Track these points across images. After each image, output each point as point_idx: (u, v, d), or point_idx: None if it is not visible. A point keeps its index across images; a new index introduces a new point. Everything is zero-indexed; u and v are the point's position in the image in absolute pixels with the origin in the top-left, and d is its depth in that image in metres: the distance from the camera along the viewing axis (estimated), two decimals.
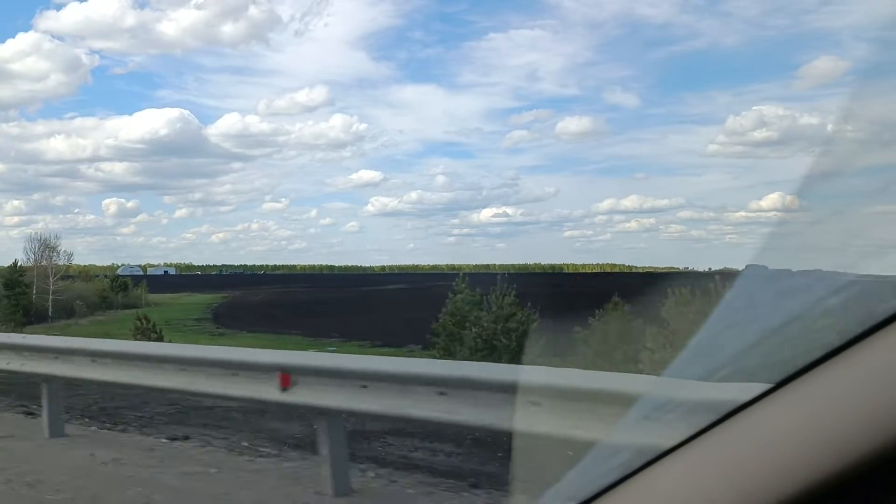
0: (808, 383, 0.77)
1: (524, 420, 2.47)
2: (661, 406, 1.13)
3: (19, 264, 65.28)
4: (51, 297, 65.73)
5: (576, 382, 3.60)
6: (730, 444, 0.83)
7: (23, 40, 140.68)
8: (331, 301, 77.97)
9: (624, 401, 1.22)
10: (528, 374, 2.80)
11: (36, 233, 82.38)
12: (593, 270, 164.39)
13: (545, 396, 3.13)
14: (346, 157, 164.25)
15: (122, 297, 74.88)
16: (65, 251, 73.37)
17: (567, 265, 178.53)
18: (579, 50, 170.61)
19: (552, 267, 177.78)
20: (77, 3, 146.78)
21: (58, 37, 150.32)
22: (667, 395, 1.15)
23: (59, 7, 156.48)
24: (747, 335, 0.99)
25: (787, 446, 0.76)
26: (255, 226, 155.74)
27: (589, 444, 1.19)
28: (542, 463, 1.66)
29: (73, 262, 75.64)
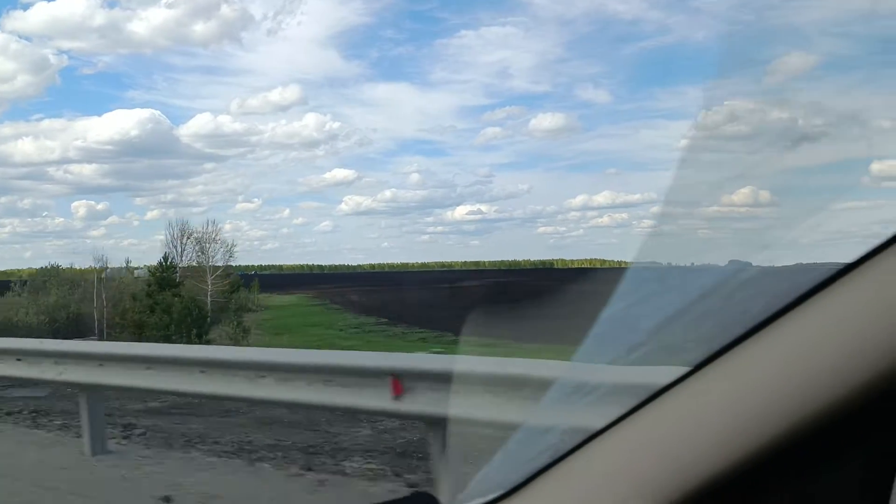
0: (723, 366, 0.79)
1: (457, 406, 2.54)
2: (576, 390, 1.17)
3: (170, 260, 48.76)
4: (209, 300, 50.96)
5: (500, 369, 3.74)
6: (651, 428, 0.85)
7: None
8: (457, 299, 60.08)
9: (546, 386, 1.28)
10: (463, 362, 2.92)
11: (179, 219, 65.04)
12: (581, 266, 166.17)
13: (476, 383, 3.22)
14: (319, 157, 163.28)
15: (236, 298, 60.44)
16: (223, 242, 55.21)
17: (556, 261, 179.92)
18: (550, 47, 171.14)
19: (542, 263, 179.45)
20: (44, 3, 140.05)
21: (24, 37, 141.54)
22: (581, 379, 1.18)
23: (25, 7, 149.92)
24: (648, 322, 1.02)
25: (706, 429, 0.79)
26: (227, 226, 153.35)
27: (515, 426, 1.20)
28: (473, 448, 1.69)
29: (233, 262, 56.92)
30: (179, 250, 53.78)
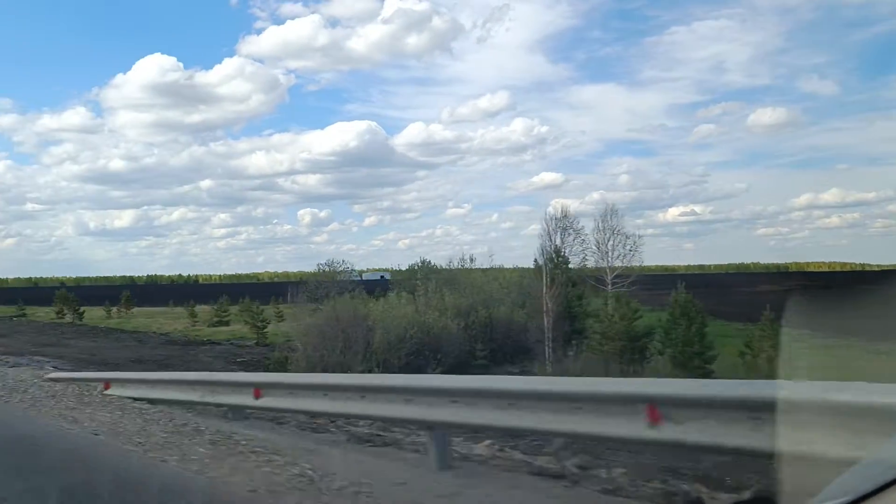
0: None
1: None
2: None
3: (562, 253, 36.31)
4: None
5: (851, 398, 3.10)
6: None
7: (228, 65, 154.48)
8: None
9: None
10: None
11: (556, 207, 44.16)
12: (819, 269, 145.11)
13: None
14: (526, 161, 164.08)
15: None
16: (623, 236, 38.39)
17: (790, 264, 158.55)
18: (769, 37, 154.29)
19: (775, 266, 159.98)
20: (275, 27, 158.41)
21: (258, 60, 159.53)
22: None
23: (258, 31, 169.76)
24: None
25: None
26: (438, 231, 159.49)
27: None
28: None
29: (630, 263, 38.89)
30: (558, 244, 38.76)
